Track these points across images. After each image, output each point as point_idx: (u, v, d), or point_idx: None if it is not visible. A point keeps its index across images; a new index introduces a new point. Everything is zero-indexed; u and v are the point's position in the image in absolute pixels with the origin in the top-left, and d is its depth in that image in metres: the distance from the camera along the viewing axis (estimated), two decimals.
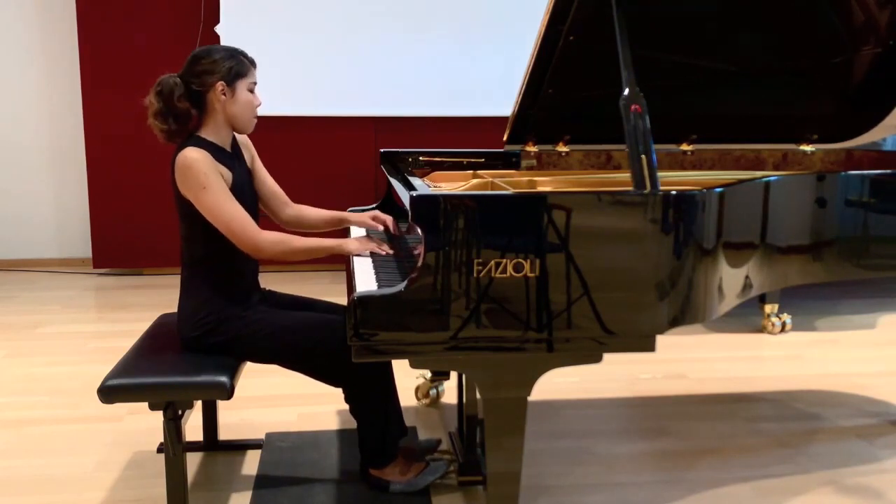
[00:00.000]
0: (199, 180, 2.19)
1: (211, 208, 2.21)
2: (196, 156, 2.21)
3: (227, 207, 2.22)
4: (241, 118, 2.34)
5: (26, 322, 4.33)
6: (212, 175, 2.21)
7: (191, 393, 2.18)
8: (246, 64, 2.33)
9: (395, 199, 2.68)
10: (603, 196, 1.94)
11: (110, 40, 5.21)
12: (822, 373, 3.61)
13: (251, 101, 2.34)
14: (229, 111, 2.31)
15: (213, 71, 2.28)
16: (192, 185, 2.21)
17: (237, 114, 2.32)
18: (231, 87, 2.29)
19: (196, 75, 2.29)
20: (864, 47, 2.79)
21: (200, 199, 2.21)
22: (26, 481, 2.58)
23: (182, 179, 2.23)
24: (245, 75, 2.32)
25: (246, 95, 2.33)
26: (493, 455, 2.03)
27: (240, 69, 2.31)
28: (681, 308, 2.01)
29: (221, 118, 2.32)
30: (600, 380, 3.46)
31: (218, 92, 2.28)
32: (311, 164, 5.44)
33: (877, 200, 2.52)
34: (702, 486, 2.56)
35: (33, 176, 5.64)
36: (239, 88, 2.31)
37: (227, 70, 2.29)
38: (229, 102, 2.30)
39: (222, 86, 2.28)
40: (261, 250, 2.25)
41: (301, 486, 2.52)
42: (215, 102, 2.30)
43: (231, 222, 2.22)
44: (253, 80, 2.35)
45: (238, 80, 2.30)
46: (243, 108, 2.33)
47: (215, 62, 2.28)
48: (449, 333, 1.89)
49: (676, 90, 2.80)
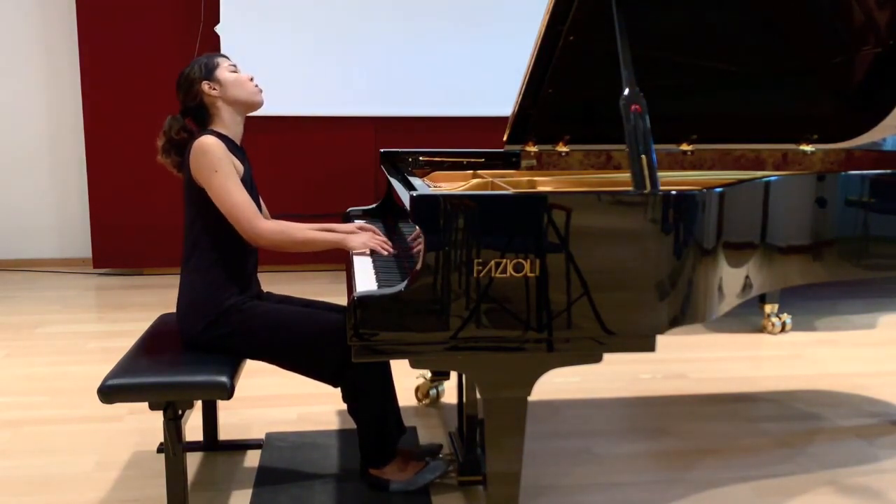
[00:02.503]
0: (213, 163, 2.26)
1: (219, 192, 2.27)
2: (212, 141, 2.29)
3: (235, 192, 2.27)
4: (241, 95, 2.39)
5: (26, 322, 4.33)
6: (225, 160, 2.28)
7: (191, 393, 2.18)
8: (213, 57, 2.42)
9: (395, 199, 2.69)
10: (603, 196, 1.94)
11: (110, 40, 5.21)
12: (822, 373, 3.61)
13: (238, 77, 2.39)
14: (227, 97, 2.38)
15: (190, 80, 2.39)
16: (205, 167, 2.26)
17: (235, 94, 2.38)
18: (212, 78, 2.37)
19: (185, 95, 2.41)
20: (864, 47, 2.79)
21: (211, 181, 2.26)
22: (26, 481, 2.58)
23: (196, 163, 2.28)
24: (218, 65, 2.39)
25: (230, 76, 2.38)
26: (493, 455, 2.03)
27: (210, 63, 2.39)
28: (681, 308, 2.01)
29: (226, 110, 2.39)
30: (600, 380, 3.46)
31: (206, 91, 2.36)
32: (311, 164, 5.45)
33: (877, 200, 2.52)
34: (702, 486, 2.56)
35: (33, 176, 5.64)
36: (220, 75, 2.37)
37: (200, 69, 2.38)
38: (220, 91, 2.37)
39: (206, 84, 2.36)
40: (261, 237, 2.29)
41: (301, 486, 2.52)
42: (211, 100, 2.37)
43: (235, 207, 2.27)
44: (227, 63, 2.41)
45: (214, 70, 2.38)
46: (236, 86, 2.39)
47: (188, 74, 2.39)
48: (449, 333, 1.89)
49: (676, 90, 2.80)
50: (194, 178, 2.30)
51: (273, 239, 2.30)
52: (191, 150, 2.30)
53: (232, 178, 2.28)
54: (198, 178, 2.29)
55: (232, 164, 2.30)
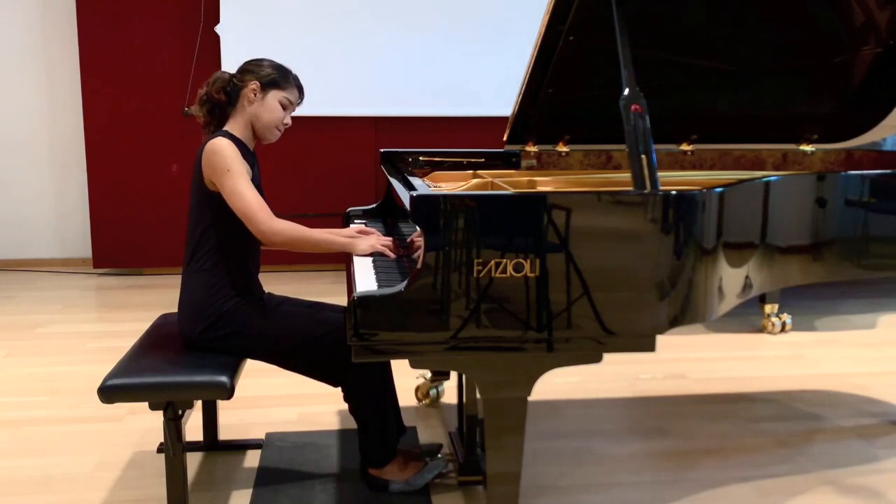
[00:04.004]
0: (226, 163, 2.27)
1: (232, 191, 2.28)
2: (225, 143, 2.31)
3: (248, 192, 2.28)
4: (263, 121, 2.41)
5: (26, 322, 4.33)
6: (237, 161, 2.29)
7: (191, 393, 2.18)
8: (290, 82, 2.43)
9: (395, 199, 2.69)
10: (603, 196, 1.94)
11: (110, 40, 5.21)
12: (822, 373, 3.61)
13: (277, 111, 2.41)
14: (255, 111, 2.40)
15: (254, 72, 2.40)
16: (218, 167, 2.28)
17: (260, 116, 2.40)
18: (264, 90, 2.39)
19: (240, 71, 2.42)
20: (864, 47, 2.79)
21: (224, 181, 2.28)
22: (26, 481, 2.58)
23: (208, 163, 2.30)
24: (282, 88, 2.40)
25: (274, 104, 2.40)
26: (493, 455, 2.03)
27: (279, 81, 2.40)
28: (681, 308, 2.01)
29: (247, 116, 2.41)
30: (600, 380, 3.46)
31: (250, 89, 2.39)
32: (312, 164, 5.45)
33: (877, 200, 2.52)
34: (702, 486, 2.56)
35: (33, 176, 5.64)
36: (270, 95, 2.39)
37: (267, 76, 2.39)
38: (257, 102, 2.39)
39: (256, 85, 2.38)
40: (275, 233, 2.29)
41: (301, 486, 2.52)
42: (245, 99, 2.40)
43: (248, 206, 2.28)
44: (289, 97, 2.42)
45: (273, 88, 2.39)
46: (267, 113, 2.40)
47: (260, 66, 2.41)
48: (449, 333, 1.89)
49: (676, 90, 2.80)
50: (206, 179, 2.31)
51: (290, 236, 2.31)
52: (203, 151, 2.31)
53: (244, 178, 2.29)
54: (211, 179, 2.30)
55: (244, 165, 2.31)
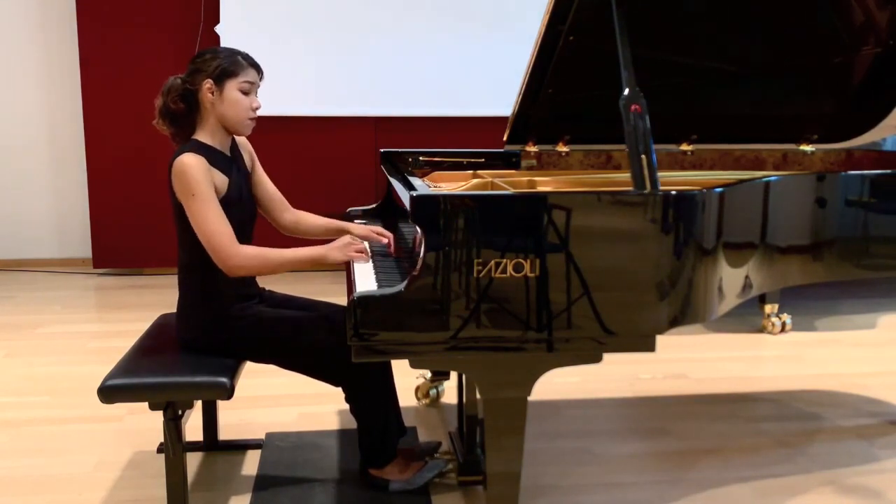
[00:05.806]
0: (190, 187, 2.17)
1: (195, 217, 2.19)
2: (191, 161, 2.18)
3: (212, 220, 2.17)
4: (231, 119, 2.29)
5: (26, 322, 4.33)
6: (204, 184, 2.17)
7: (191, 393, 2.18)
8: (241, 63, 2.27)
9: (395, 199, 2.68)
10: (603, 196, 1.94)
11: (110, 40, 5.21)
12: (822, 373, 3.61)
13: (239, 102, 2.27)
14: (218, 111, 2.28)
15: (202, 69, 2.26)
16: (183, 190, 2.19)
17: (225, 114, 2.28)
18: (219, 85, 2.25)
19: (190, 73, 2.29)
20: (864, 47, 2.79)
21: (189, 205, 2.19)
22: (26, 481, 2.58)
23: (175, 184, 2.21)
24: (236, 74, 2.26)
25: (234, 95, 2.26)
26: (493, 455, 2.03)
27: (230, 68, 2.26)
28: (681, 308, 2.01)
29: (213, 119, 2.29)
30: (600, 380, 3.46)
31: (206, 90, 2.26)
32: (312, 164, 5.44)
33: (877, 200, 2.52)
34: (702, 486, 2.56)
35: (33, 176, 5.64)
36: (227, 88, 2.26)
37: (215, 68, 2.25)
38: (217, 102, 2.26)
39: (210, 84, 2.25)
40: (238, 265, 2.19)
41: (301, 486, 2.52)
42: (206, 102, 2.28)
43: (211, 236, 2.18)
44: (246, 79, 2.28)
45: (227, 78, 2.25)
46: (231, 109, 2.27)
47: (206, 61, 2.27)
48: (449, 333, 1.89)
49: (676, 90, 2.79)
50: (177, 194, 2.23)
51: (252, 266, 2.21)
52: (171, 166, 2.22)
53: (210, 203, 2.17)
54: (179, 198, 2.22)
55: (211, 185, 2.19)
